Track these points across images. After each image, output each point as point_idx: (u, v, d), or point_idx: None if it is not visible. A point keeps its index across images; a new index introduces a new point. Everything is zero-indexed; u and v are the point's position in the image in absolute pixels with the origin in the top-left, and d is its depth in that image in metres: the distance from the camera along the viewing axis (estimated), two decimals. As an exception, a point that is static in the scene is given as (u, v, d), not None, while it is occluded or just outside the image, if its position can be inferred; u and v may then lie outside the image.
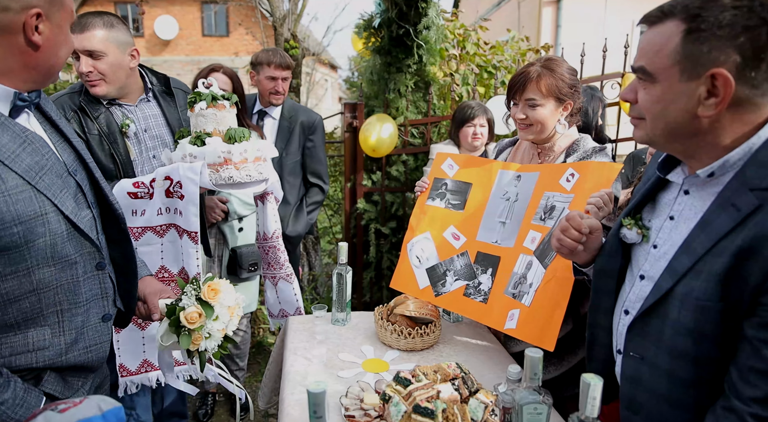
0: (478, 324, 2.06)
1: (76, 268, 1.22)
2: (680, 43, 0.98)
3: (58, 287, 1.19)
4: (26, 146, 1.13)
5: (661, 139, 1.08)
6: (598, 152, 1.75)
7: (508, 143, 2.12)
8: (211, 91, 1.96)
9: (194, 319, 1.41)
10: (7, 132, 1.11)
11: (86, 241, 1.25)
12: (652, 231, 1.19)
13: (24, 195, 1.10)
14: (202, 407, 3.04)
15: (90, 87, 1.98)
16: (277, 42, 4.44)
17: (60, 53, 1.18)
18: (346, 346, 1.89)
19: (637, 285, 1.18)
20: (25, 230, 1.10)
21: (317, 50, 12.15)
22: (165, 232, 1.95)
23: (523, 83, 1.78)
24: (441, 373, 1.43)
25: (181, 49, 17.82)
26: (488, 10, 13.28)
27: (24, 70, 1.13)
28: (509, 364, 1.54)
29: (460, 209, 2.03)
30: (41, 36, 1.11)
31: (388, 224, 3.88)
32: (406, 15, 3.49)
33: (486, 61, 4.26)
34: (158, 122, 2.18)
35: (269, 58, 2.87)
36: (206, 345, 1.45)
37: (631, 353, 1.14)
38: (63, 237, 1.18)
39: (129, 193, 1.91)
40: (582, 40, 3.70)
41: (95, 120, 2.00)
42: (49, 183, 1.16)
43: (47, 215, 1.14)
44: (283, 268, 2.36)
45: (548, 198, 1.75)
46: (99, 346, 1.30)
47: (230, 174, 1.88)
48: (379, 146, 3.48)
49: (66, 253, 1.20)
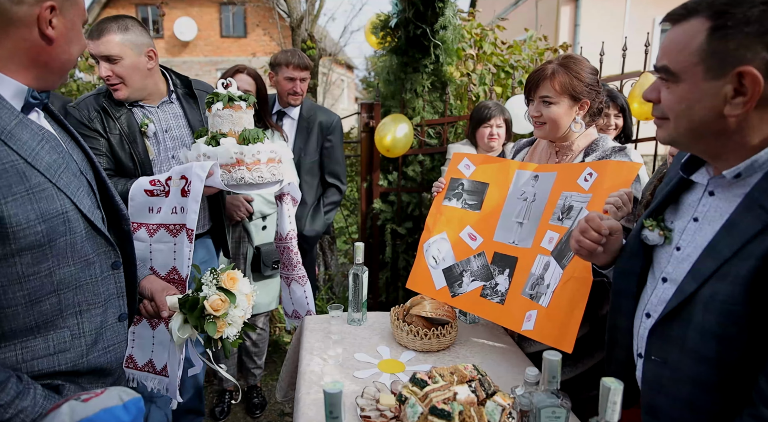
0: (495, 325, 2.04)
1: (94, 268, 1.23)
2: (705, 40, 0.96)
3: (78, 288, 1.19)
4: (44, 143, 1.13)
5: (685, 139, 1.06)
6: (618, 152, 1.72)
7: (526, 142, 2.10)
8: (229, 92, 1.98)
9: (219, 306, 1.44)
10: (26, 130, 1.10)
11: (102, 240, 1.25)
12: (674, 233, 1.16)
13: (46, 193, 1.09)
14: (218, 405, 3.07)
15: (113, 91, 2.04)
16: (294, 43, 4.46)
17: (72, 49, 1.17)
18: (362, 346, 1.89)
19: (659, 288, 1.16)
20: (48, 229, 1.09)
21: (334, 50, 12.20)
22: (179, 232, 1.96)
23: (537, 80, 1.77)
24: (458, 375, 1.42)
25: (200, 49, 18.04)
26: (505, 9, 13.18)
27: (36, 67, 1.12)
28: (526, 366, 1.52)
29: (476, 210, 2.02)
30: (55, 30, 1.10)
31: (405, 224, 3.87)
32: (423, 15, 3.49)
33: (503, 60, 4.23)
34: (179, 123, 2.21)
35: (288, 59, 2.89)
36: (228, 333, 1.49)
37: (653, 357, 1.12)
38: (82, 236, 1.18)
39: (146, 190, 1.94)
40: (601, 39, 3.65)
41: (116, 120, 2.05)
42: (67, 181, 1.16)
43: (67, 213, 1.14)
44: (296, 269, 2.37)
45: (566, 198, 1.73)
46: (117, 346, 1.31)
47: (242, 175, 1.90)
48: (393, 146, 3.47)
49: (85, 252, 1.20)
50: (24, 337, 1.12)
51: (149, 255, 1.97)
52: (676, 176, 1.18)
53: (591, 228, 1.30)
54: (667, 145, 1.17)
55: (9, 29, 1.06)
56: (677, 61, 1.00)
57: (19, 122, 1.09)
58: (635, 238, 1.25)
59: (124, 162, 2.07)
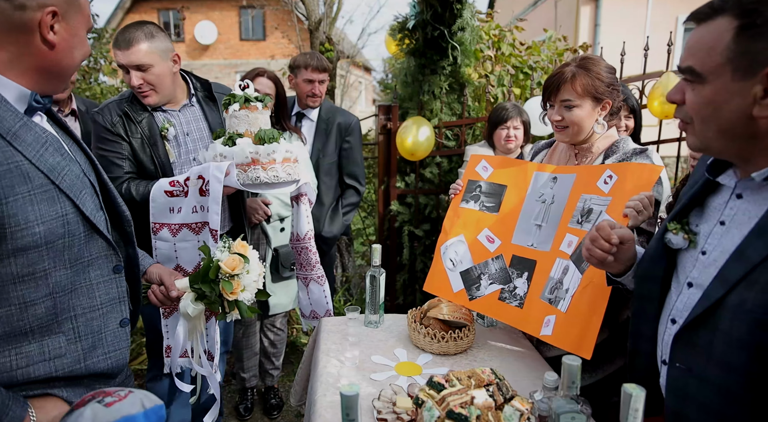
0: (513, 329, 2.02)
1: (90, 271, 1.21)
2: (733, 40, 0.93)
3: (74, 292, 1.18)
4: (48, 146, 1.14)
5: (715, 143, 1.03)
6: (639, 154, 1.69)
7: (545, 144, 2.08)
8: (245, 94, 2.00)
9: (235, 264, 1.47)
10: (30, 132, 1.11)
11: (104, 242, 1.24)
12: (700, 236, 1.13)
13: (48, 195, 1.10)
14: (242, 402, 3.10)
15: (143, 98, 2.08)
16: (313, 45, 4.49)
17: (74, 55, 1.17)
18: (378, 349, 1.89)
19: (685, 293, 1.13)
20: (47, 231, 1.09)
21: (352, 53, 12.25)
22: (200, 230, 2.01)
23: (557, 84, 1.74)
24: (475, 378, 1.41)
25: (220, 53, 18.28)
26: (524, 9, 13.08)
27: (38, 72, 1.13)
28: (545, 371, 1.50)
29: (494, 212, 2.00)
30: (57, 36, 1.11)
31: (422, 226, 3.87)
32: (441, 16, 3.48)
33: (522, 61, 4.19)
34: (200, 126, 2.24)
35: (306, 61, 2.91)
36: (243, 297, 1.52)
37: (678, 364, 1.09)
38: (81, 239, 1.17)
39: (166, 191, 1.97)
40: (622, 39, 3.60)
41: (138, 125, 2.09)
42: (70, 183, 1.16)
43: (67, 216, 1.14)
44: (314, 269, 2.39)
45: (585, 201, 1.70)
46: (118, 352, 1.29)
47: (257, 175, 1.92)
48: (416, 149, 3.47)
49: (83, 255, 1.18)
50: (18, 342, 1.10)
51: (174, 254, 2.02)
52: (702, 178, 1.15)
53: (601, 237, 1.29)
54: (697, 152, 1.13)
55: (11, 34, 1.07)
56: (703, 62, 0.97)
57: (23, 125, 1.10)
58: (658, 242, 1.22)
59: (146, 165, 2.11)
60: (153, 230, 2.01)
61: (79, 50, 1.18)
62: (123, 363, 1.31)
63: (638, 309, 1.28)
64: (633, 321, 1.30)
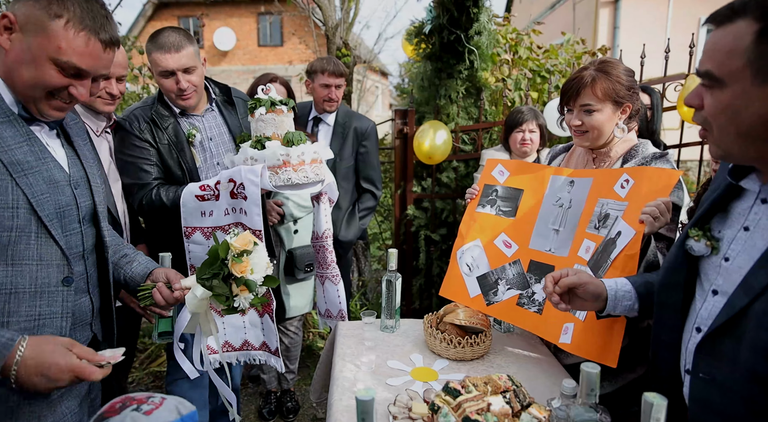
0: (531, 335, 2.00)
1: (38, 278, 1.20)
2: (753, 43, 0.90)
3: (13, 294, 1.16)
4: (23, 145, 1.18)
5: (735, 148, 1.00)
6: (658, 159, 1.66)
7: (562, 148, 2.06)
8: (270, 97, 2.03)
9: (246, 242, 1.51)
10: (10, 129, 1.17)
11: (58, 250, 1.23)
12: (723, 242, 1.11)
13: (2, 184, 1.13)
14: (266, 406, 3.12)
15: (183, 100, 2.10)
16: (329, 50, 4.52)
17: (22, 71, 1.16)
18: (395, 353, 1.88)
19: (710, 301, 1.10)
20: None
21: (368, 58, 12.30)
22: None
23: (577, 89, 1.71)
24: (492, 385, 1.40)
25: (238, 59, 18.50)
26: (542, 13, 13.01)
27: (5, 75, 1.18)
28: (563, 378, 1.48)
29: (511, 216, 1.99)
30: (11, 44, 1.15)
31: (438, 230, 3.85)
32: (457, 21, 3.48)
33: (539, 65, 4.17)
34: (221, 131, 2.28)
35: (323, 66, 2.94)
36: (253, 278, 1.54)
37: (701, 374, 1.06)
38: (30, 238, 1.17)
39: (197, 196, 2.01)
40: (642, 40, 3.55)
41: (165, 131, 2.12)
42: (33, 182, 1.18)
43: (18, 210, 1.15)
44: (330, 268, 2.40)
45: (602, 205, 1.68)
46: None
47: (289, 176, 1.95)
48: (432, 152, 3.47)
49: (30, 256, 1.18)
50: None
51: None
52: (724, 183, 1.13)
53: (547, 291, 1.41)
54: (718, 159, 1.10)
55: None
56: (722, 66, 0.95)
57: (7, 122, 1.17)
58: (679, 248, 1.19)
59: (173, 170, 2.14)
60: (185, 234, 2.04)
61: (29, 70, 1.16)
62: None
63: (659, 318, 1.25)
64: (654, 330, 1.27)
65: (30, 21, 1.14)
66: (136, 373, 3.55)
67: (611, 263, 1.53)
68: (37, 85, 1.18)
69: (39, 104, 1.21)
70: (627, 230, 1.53)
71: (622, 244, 1.52)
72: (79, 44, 1.17)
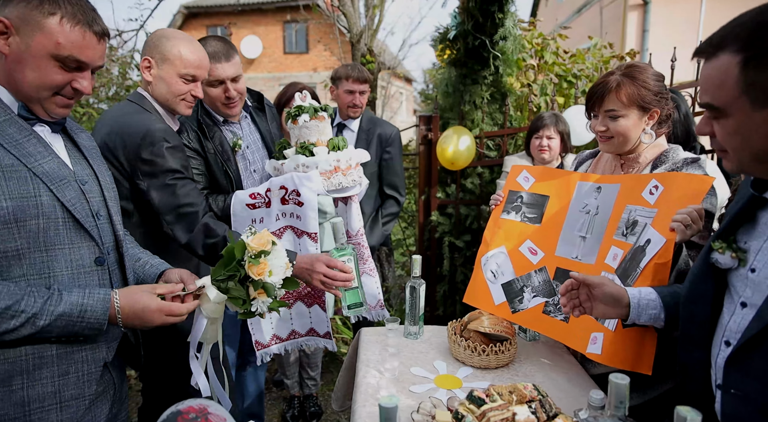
0: (557, 344, 1.96)
1: (72, 260, 1.26)
2: (740, 74, 0.92)
3: (51, 278, 1.22)
4: (31, 139, 1.22)
5: (752, 167, 1.01)
6: (690, 164, 1.61)
7: (589, 154, 2.02)
8: (312, 104, 2.06)
9: (264, 243, 1.43)
10: (14, 126, 1.21)
11: (86, 233, 1.28)
12: (749, 253, 1.07)
13: (18, 175, 1.16)
14: (289, 410, 3.14)
15: (230, 108, 2.11)
16: (354, 57, 4.56)
17: (26, 73, 1.18)
18: (418, 360, 1.87)
19: (738, 314, 1.06)
20: (15, 207, 1.14)
21: (393, 64, 12.34)
22: (282, 234, 2.06)
23: (601, 94, 1.68)
24: (517, 394, 1.38)
25: (264, 66, 18.80)
26: (568, 17, 12.86)
27: (5, 80, 1.20)
28: (591, 388, 1.45)
29: (536, 223, 1.96)
30: (9, 47, 1.17)
31: (463, 237, 3.83)
32: (482, 26, 3.46)
33: (566, 70, 4.11)
34: (255, 138, 2.30)
35: (348, 73, 2.97)
36: (270, 281, 1.45)
37: (732, 390, 1.03)
38: (57, 223, 1.22)
39: (247, 204, 2.02)
40: (672, 44, 3.47)
41: (211, 140, 2.13)
42: (48, 171, 1.22)
43: (41, 197, 1.19)
44: (367, 263, 2.38)
45: (630, 212, 1.64)
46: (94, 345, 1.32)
47: (339, 181, 1.99)
48: (456, 158, 3.45)
49: (61, 241, 1.23)
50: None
51: None
52: (747, 194, 1.10)
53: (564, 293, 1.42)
54: (736, 174, 1.11)
55: None
56: (719, 98, 0.97)
57: (9, 119, 1.20)
58: (703, 261, 1.16)
59: (219, 180, 2.13)
60: None
61: (33, 71, 1.19)
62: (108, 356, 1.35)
63: (686, 331, 1.21)
64: (680, 345, 1.23)
65: (25, 22, 1.16)
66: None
67: (641, 272, 1.49)
68: (42, 85, 1.21)
69: (45, 104, 1.24)
70: (657, 237, 1.49)
71: (651, 252, 1.49)
72: (76, 38, 1.20)
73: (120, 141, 1.72)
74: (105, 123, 1.80)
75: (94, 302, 1.23)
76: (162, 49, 1.81)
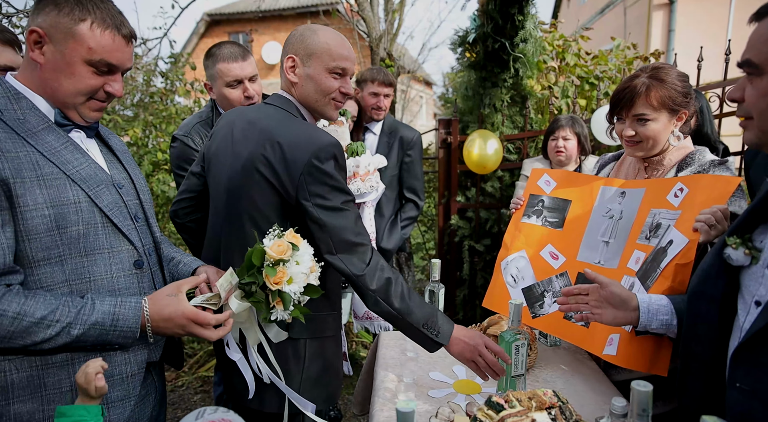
0: (578, 349, 1.93)
1: (112, 264, 1.28)
2: None
3: (92, 282, 1.25)
4: (68, 146, 1.25)
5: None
6: (717, 166, 1.57)
7: (612, 157, 1.99)
8: None
9: (282, 250, 1.34)
10: (53, 134, 1.23)
11: (123, 237, 1.31)
12: (765, 251, 1.04)
13: (58, 182, 1.19)
14: None
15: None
16: (374, 61, 4.58)
17: (61, 80, 1.21)
18: (437, 365, 1.86)
19: (753, 313, 1.03)
20: (57, 214, 1.17)
21: (412, 67, 12.35)
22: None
23: (630, 98, 1.64)
24: (536, 400, 1.35)
25: (285, 72, 18.98)
26: (591, 18, 12.70)
27: (41, 88, 1.23)
28: (613, 395, 1.42)
29: (558, 227, 1.93)
30: (44, 57, 1.20)
31: (483, 241, 3.80)
32: (502, 29, 3.44)
33: (588, 72, 4.06)
34: None
35: (373, 76, 3.02)
36: (289, 289, 1.37)
37: (738, 384, 1.00)
38: (97, 229, 1.25)
39: None
40: (699, 44, 3.40)
41: None
42: (86, 177, 1.25)
43: (80, 204, 1.22)
44: None
45: (654, 215, 1.61)
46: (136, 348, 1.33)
47: (358, 187, 1.97)
48: (484, 161, 3.43)
49: (101, 246, 1.26)
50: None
51: None
52: (766, 188, 1.07)
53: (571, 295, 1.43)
54: (753, 147, 1.08)
55: (27, 54, 1.21)
56: (760, 53, 0.97)
57: (47, 127, 1.23)
58: (715, 257, 1.12)
59: None
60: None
61: (67, 78, 1.22)
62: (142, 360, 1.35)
63: (690, 329, 1.18)
64: (683, 342, 1.20)
65: (58, 30, 1.19)
66: (185, 377, 3.66)
67: (661, 272, 1.46)
68: (77, 90, 1.24)
69: (80, 109, 1.27)
70: (679, 238, 1.46)
71: (673, 252, 1.45)
72: (107, 42, 1.23)
73: (281, 154, 1.47)
74: (255, 131, 1.55)
75: (126, 310, 1.24)
76: (307, 43, 1.58)
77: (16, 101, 1.21)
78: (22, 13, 3.48)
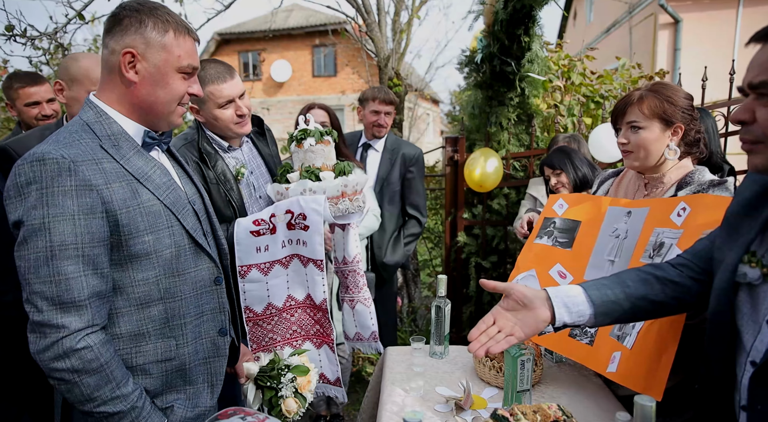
0: (583, 366, 1.94)
1: (197, 281, 1.35)
2: None
3: (183, 300, 1.31)
4: (156, 169, 1.30)
5: None
6: (716, 187, 1.59)
7: (612, 173, 2.02)
8: (317, 128, 2.08)
9: (292, 410, 1.68)
10: (142, 158, 1.28)
11: (205, 256, 1.37)
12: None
13: (154, 208, 1.25)
14: None
15: (242, 127, 2.05)
16: (381, 80, 4.65)
17: (157, 93, 1.26)
18: (443, 380, 1.88)
19: (764, 332, 1.03)
20: (155, 240, 1.24)
21: (420, 86, 12.48)
22: (289, 263, 2.02)
23: (623, 107, 1.71)
24: (541, 414, 1.37)
25: (293, 89, 19.22)
26: (596, 37, 12.82)
27: (133, 108, 1.27)
28: (616, 410, 1.43)
29: (567, 247, 1.96)
30: (138, 75, 1.23)
31: (489, 258, 3.82)
32: (509, 49, 3.51)
33: (593, 90, 4.11)
34: (258, 163, 2.24)
35: (374, 94, 3.09)
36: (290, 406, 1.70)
37: (759, 406, 1.00)
38: (185, 250, 1.31)
39: (252, 232, 1.95)
40: (705, 62, 3.44)
41: (213, 169, 2.04)
42: (174, 200, 1.31)
43: (173, 227, 1.28)
44: (362, 291, 2.33)
45: (658, 234, 1.63)
46: (216, 360, 1.42)
47: (346, 206, 1.99)
48: (484, 180, 3.47)
49: (189, 266, 1.32)
50: (137, 342, 1.25)
51: (266, 293, 2.01)
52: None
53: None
54: (764, 173, 1.05)
55: (112, 75, 1.25)
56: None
57: (137, 152, 1.27)
58: (729, 273, 1.14)
59: (222, 209, 2.02)
60: (240, 273, 1.96)
61: (162, 88, 1.26)
62: (219, 370, 1.43)
63: (707, 350, 1.18)
64: (702, 364, 1.20)
65: (149, 46, 1.23)
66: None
67: None
68: (172, 99, 1.29)
69: (171, 117, 1.32)
70: None
71: None
72: (189, 47, 1.29)
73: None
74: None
75: None
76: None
77: (108, 126, 1.25)
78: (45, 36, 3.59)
